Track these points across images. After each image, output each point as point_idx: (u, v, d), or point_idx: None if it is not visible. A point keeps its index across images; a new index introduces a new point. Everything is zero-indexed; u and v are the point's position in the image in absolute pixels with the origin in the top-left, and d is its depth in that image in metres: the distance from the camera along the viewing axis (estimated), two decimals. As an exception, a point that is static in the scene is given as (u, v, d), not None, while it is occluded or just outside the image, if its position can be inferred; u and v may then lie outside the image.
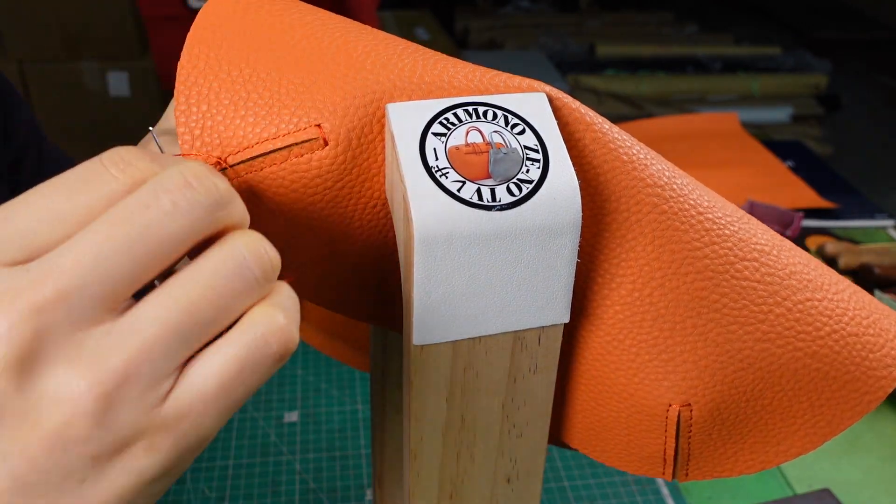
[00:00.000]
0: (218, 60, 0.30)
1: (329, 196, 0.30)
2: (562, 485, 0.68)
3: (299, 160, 0.29)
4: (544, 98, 0.30)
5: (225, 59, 0.30)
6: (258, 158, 0.29)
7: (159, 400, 0.22)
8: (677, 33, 2.85)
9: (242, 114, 0.29)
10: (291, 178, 0.29)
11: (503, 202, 0.27)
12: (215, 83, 0.29)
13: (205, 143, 0.29)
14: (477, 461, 0.33)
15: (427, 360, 0.30)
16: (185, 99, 0.29)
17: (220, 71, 0.30)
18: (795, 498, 0.67)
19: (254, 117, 0.29)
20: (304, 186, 0.29)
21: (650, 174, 0.31)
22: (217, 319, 0.23)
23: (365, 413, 0.75)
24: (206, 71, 0.30)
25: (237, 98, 0.29)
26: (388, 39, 0.32)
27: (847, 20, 4.29)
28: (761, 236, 0.33)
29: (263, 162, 0.29)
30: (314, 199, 0.29)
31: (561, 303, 0.30)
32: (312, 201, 0.30)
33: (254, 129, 0.29)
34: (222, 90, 0.29)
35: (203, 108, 0.29)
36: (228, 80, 0.30)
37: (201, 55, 0.30)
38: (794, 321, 0.32)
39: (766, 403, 0.33)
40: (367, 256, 0.32)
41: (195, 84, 0.29)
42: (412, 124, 0.28)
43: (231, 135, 0.29)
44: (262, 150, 0.29)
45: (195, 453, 0.24)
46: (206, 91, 0.29)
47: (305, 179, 0.29)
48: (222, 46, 0.30)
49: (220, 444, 0.71)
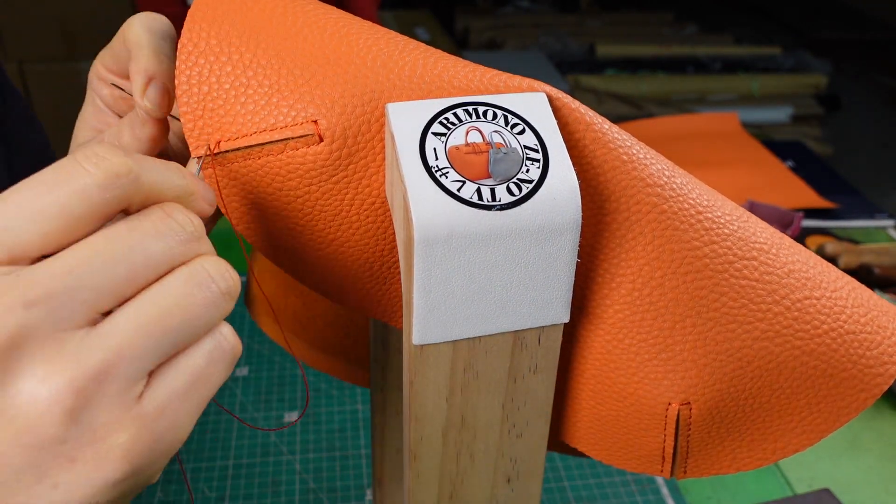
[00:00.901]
0: (219, 41, 0.30)
1: (324, 189, 0.30)
2: (562, 485, 0.68)
3: (295, 153, 0.29)
4: (544, 98, 0.30)
5: (225, 41, 0.30)
6: (255, 148, 0.29)
7: (134, 400, 0.23)
8: (677, 33, 2.84)
9: (242, 101, 0.30)
10: (287, 169, 0.30)
11: (503, 202, 0.27)
12: (216, 66, 0.30)
13: (206, 126, 0.30)
14: (477, 461, 0.33)
15: (427, 360, 0.30)
16: (186, 79, 0.30)
17: (220, 53, 0.30)
18: (795, 498, 0.67)
19: (253, 105, 0.30)
20: (300, 178, 0.30)
21: (650, 174, 0.31)
22: (184, 327, 0.24)
23: (365, 413, 0.75)
24: (206, 52, 0.30)
25: (238, 84, 0.30)
26: (389, 35, 0.32)
27: (847, 20, 4.29)
28: (760, 234, 0.33)
29: (261, 151, 0.30)
30: (309, 190, 0.30)
31: (561, 302, 0.30)
32: (308, 192, 0.30)
33: (252, 117, 0.30)
34: (223, 74, 0.30)
35: (204, 90, 0.30)
36: (229, 64, 0.30)
37: (202, 35, 0.30)
38: (792, 319, 0.32)
39: (764, 401, 0.33)
40: (366, 252, 0.32)
41: (196, 64, 0.30)
42: (412, 124, 0.28)
43: (230, 121, 0.30)
44: (259, 140, 0.29)
45: (168, 455, 0.25)
46: (207, 73, 0.30)
47: (301, 171, 0.30)
48: (223, 26, 0.30)
49: (220, 444, 0.71)
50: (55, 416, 0.22)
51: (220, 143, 0.30)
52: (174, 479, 0.67)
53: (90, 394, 0.22)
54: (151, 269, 0.24)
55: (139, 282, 0.24)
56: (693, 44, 2.65)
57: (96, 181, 0.23)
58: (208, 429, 0.73)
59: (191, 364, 0.25)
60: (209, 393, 0.25)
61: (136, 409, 0.23)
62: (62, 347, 0.22)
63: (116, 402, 0.23)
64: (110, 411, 0.23)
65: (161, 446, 0.24)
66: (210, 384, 0.25)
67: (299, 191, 0.30)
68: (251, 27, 0.30)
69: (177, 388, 0.24)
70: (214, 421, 0.74)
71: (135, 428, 0.23)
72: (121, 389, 0.23)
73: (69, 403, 0.22)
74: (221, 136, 0.30)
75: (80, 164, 0.23)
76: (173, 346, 0.24)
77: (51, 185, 0.23)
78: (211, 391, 0.25)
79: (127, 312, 0.23)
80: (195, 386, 0.25)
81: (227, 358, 0.26)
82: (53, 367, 0.22)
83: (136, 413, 0.23)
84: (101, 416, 0.23)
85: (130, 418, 0.23)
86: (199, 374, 0.25)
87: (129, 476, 0.24)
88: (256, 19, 0.31)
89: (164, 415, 0.24)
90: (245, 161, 0.30)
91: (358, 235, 0.31)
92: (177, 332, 0.24)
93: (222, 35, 0.30)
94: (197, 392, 0.25)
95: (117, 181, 0.24)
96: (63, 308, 0.22)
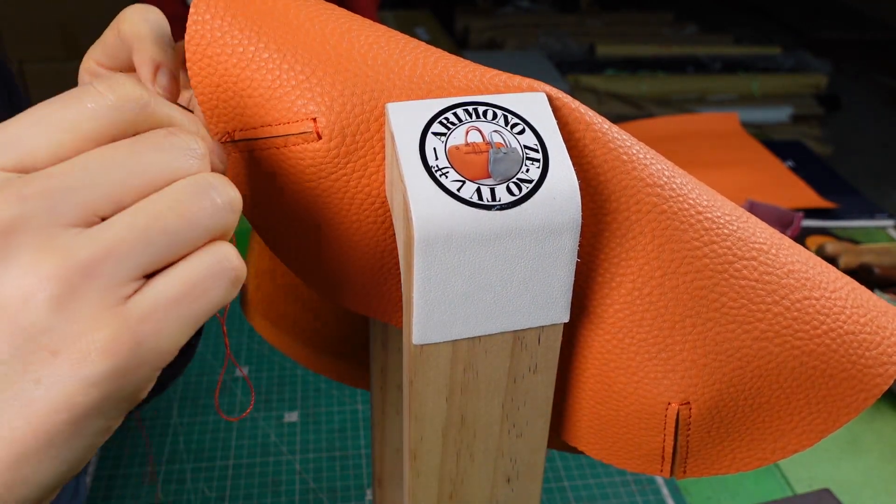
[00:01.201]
0: (222, 33, 0.31)
1: (324, 185, 0.30)
2: (562, 485, 0.68)
3: (295, 149, 0.30)
4: (544, 98, 0.30)
5: (228, 33, 0.31)
6: (259, 140, 0.30)
7: (121, 300, 0.23)
8: (677, 33, 2.84)
9: (249, 93, 0.30)
10: (289, 163, 0.30)
11: (503, 202, 0.27)
12: (223, 57, 0.30)
13: (221, 117, 0.31)
14: (477, 461, 0.33)
15: (427, 360, 0.30)
16: (198, 70, 0.31)
17: (225, 45, 0.30)
18: (795, 498, 0.67)
19: (259, 98, 0.30)
20: (301, 172, 0.30)
21: (650, 174, 0.31)
22: (180, 232, 0.24)
23: (365, 413, 0.75)
24: (213, 42, 0.31)
25: (244, 77, 0.30)
26: (389, 34, 0.32)
27: (847, 20, 4.29)
28: (760, 235, 0.33)
29: (265, 143, 0.30)
30: (310, 185, 0.30)
31: (561, 302, 0.30)
32: (309, 187, 0.31)
33: (257, 111, 0.30)
34: (230, 66, 0.30)
35: (215, 81, 0.31)
36: (234, 57, 0.30)
37: (206, 26, 0.30)
38: (791, 320, 0.32)
39: (764, 401, 0.33)
40: (366, 251, 0.32)
41: (205, 55, 0.31)
42: (412, 124, 0.28)
43: (240, 113, 0.31)
44: (262, 134, 0.30)
45: (152, 367, 0.24)
46: (216, 64, 0.31)
47: (301, 166, 0.30)
48: (225, 18, 0.31)
49: (221, 444, 0.71)
50: (40, 303, 0.22)
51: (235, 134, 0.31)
52: (174, 479, 0.67)
53: (76, 285, 0.22)
54: (150, 177, 0.24)
55: (138, 189, 0.24)
56: (693, 44, 2.65)
57: (108, 102, 0.25)
58: (208, 429, 0.73)
59: (185, 274, 0.24)
60: (203, 309, 0.25)
61: (121, 309, 0.23)
62: (53, 240, 0.23)
63: (102, 298, 0.23)
64: (94, 306, 0.23)
65: (143, 352, 0.24)
66: (205, 300, 0.25)
67: (299, 187, 0.31)
68: (253, 21, 0.31)
69: (167, 295, 0.24)
70: (214, 421, 0.74)
71: (116, 325, 0.23)
72: (107, 286, 0.23)
73: (55, 291, 0.22)
74: (233, 127, 0.31)
75: (95, 86, 0.25)
76: (167, 250, 0.24)
77: (65, 101, 0.24)
78: (206, 308, 0.25)
79: (122, 215, 0.24)
80: (188, 297, 0.24)
81: (227, 276, 0.25)
82: (42, 256, 0.22)
83: (120, 312, 0.23)
84: (84, 309, 0.23)
85: (112, 315, 0.23)
86: (193, 284, 0.24)
87: (109, 377, 0.23)
88: (258, 13, 0.31)
89: (150, 319, 0.24)
90: (251, 153, 0.31)
91: (358, 235, 0.31)
92: (171, 235, 0.24)
93: (225, 28, 0.31)
94: (189, 304, 0.24)
95: (127, 104, 0.25)
96: (59, 204, 0.23)
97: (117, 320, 0.23)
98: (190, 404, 0.76)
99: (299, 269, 0.33)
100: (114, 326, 0.23)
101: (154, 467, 0.69)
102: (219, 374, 0.79)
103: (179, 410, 0.75)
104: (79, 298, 0.23)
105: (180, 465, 0.69)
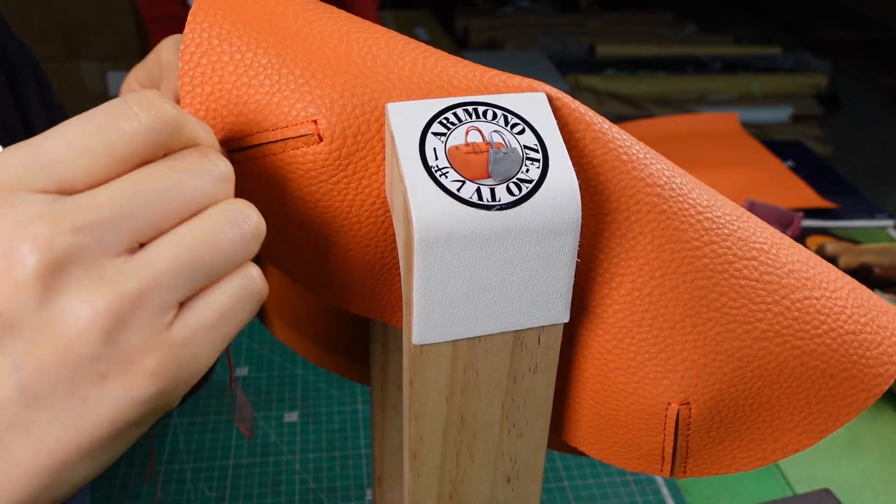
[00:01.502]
0: (220, 42, 0.30)
1: (325, 189, 0.30)
2: (562, 485, 0.68)
3: (295, 153, 0.30)
4: (544, 98, 0.30)
5: (226, 41, 0.30)
6: (257, 147, 0.30)
7: (165, 327, 0.25)
8: (677, 33, 2.84)
9: (245, 100, 0.30)
10: (288, 168, 0.30)
11: (503, 202, 0.27)
12: (219, 65, 0.30)
13: (213, 127, 0.30)
14: (477, 461, 0.33)
15: (427, 360, 0.30)
16: (189, 80, 0.30)
17: (223, 53, 0.30)
18: (795, 498, 0.67)
19: (256, 105, 0.30)
20: (300, 177, 0.30)
21: (650, 174, 0.31)
22: (216, 262, 0.26)
23: (365, 413, 0.75)
24: (209, 51, 0.30)
25: (240, 84, 0.30)
26: (389, 35, 0.32)
27: (847, 20, 4.29)
28: (760, 234, 0.33)
29: (264, 150, 0.30)
30: (310, 189, 0.30)
31: (561, 302, 0.30)
32: (309, 191, 0.30)
33: (255, 117, 0.30)
34: (226, 74, 0.30)
35: (207, 90, 0.30)
36: (231, 64, 0.30)
37: (203, 35, 0.30)
38: (792, 319, 0.32)
39: (764, 401, 0.33)
40: (366, 253, 0.32)
41: (199, 65, 0.30)
42: (412, 124, 0.28)
43: (234, 121, 0.30)
44: (260, 140, 0.30)
45: (189, 384, 0.26)
46: (210, 73, 0.30)
47: (301, 171, 0.30)
48: (223, 26, 0.31)
49: (221, 444, 0.71)
50: (93, 334, 0.23)
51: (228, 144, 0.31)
52: (174, 479, 0.67)
53: (126, 317, 0.24)
54: (188, 204, 0.26)
55: (176, 216, 0.25)
56: (693, 44, 2.65)
57: (145, 125, 0.25)
58: (208, 429, 0.73)
59: (219, 299, 0.26)
60: (233, 330, 0.27)
61: (166, 336, 0.25)
62: (103, 272, 0.24)
63: (149, 327, 0.24)
64: (143, 335, 0.24)
65: (184, 373, 0.25)
66: (235, 321, 0.26)
67: (300, 191, 0.30)
68: (252, 27, 0.31)
69: (204, 321, 0.26)
70: (214, 421, 0.74)
71: (163, 353, 0.24)
72: (154, 315, 0.24)
73: (107, 324, 0.23)
74: (225, 136, 0.30)
75: (132, 107, 0.25)
76: (205, 279, 0.25)
77: (102, 124, 0.25)
78: (235, 328, 0.27)
79: (164, 243, 0.25)
80: (222, 321, 0.26)
81: (253, 298, 0.27)
82: (95, 290, 0.23)
83: (166, 339, 0.25)
84: (133, 338, 0.24)
85: (160, 343, 0.24)
86: (226, 309, 0.26)
87: (154, 398, 0.25)
88: (257, 19, 0.31)
89: (191, 344, 0.25)
90: (248, 161, 0.30)
91: (359, 236, 0.31)
92: (209, 266, 0.25)
93: (223, 35, 0.30)
94: (223, 327, 0.26)
95: (165, 127, 0.25)
96: (108, 235, 0.24)
97: (163, 347, 0.25)
98: (190, 404, 0.76)
99: (296, 274, 0.33)
100: (161, 353, 0.24)
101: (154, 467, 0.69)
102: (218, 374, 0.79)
103: (179, 410, 0.75)
104: (128, 328, 0.24)
105: (180, 465, 0.69)
